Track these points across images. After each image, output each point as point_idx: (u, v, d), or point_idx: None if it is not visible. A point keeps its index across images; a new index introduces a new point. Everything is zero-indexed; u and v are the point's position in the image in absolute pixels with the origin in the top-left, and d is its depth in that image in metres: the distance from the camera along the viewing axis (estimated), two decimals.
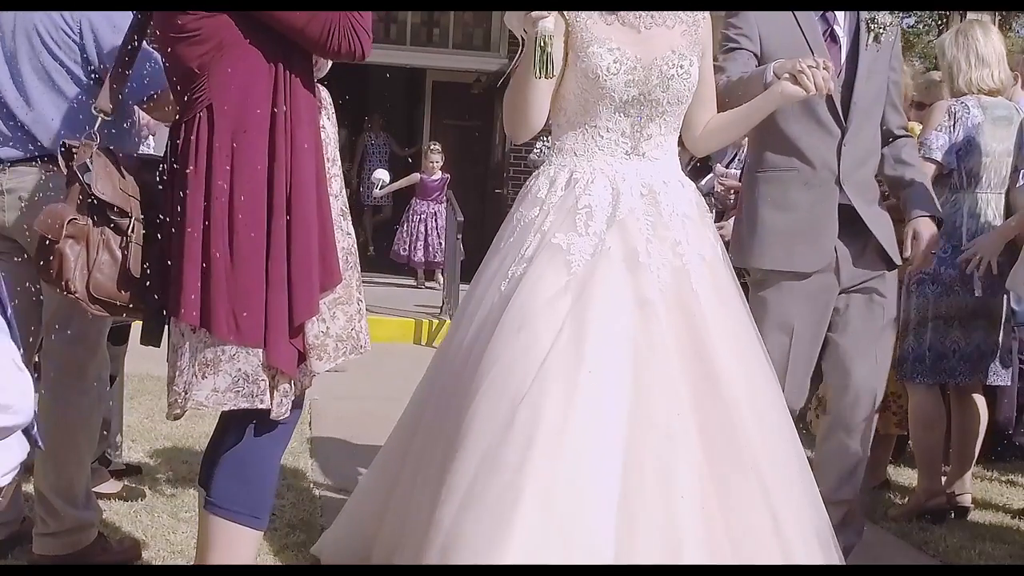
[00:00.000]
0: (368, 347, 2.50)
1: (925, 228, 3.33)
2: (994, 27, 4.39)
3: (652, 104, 2.62)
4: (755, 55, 3.22)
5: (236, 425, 2.41)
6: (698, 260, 2.55)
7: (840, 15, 3.32)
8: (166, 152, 2.41)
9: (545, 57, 2.44)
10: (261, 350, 2.30)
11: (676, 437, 2.30)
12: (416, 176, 11.22)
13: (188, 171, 2.29)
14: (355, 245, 2.55)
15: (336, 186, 2.50)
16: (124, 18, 2.93)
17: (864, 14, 3.31)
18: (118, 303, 2.44)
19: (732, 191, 6.71)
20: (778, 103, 2.80)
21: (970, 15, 11.87)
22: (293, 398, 2.38)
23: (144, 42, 2.61)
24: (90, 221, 2.41)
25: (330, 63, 2.54)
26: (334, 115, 2.57)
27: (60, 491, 2.97)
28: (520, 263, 2.51)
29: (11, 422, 1.60)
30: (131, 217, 2.42)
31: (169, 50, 2.36)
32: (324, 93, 2.52)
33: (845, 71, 3.27)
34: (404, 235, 11.10)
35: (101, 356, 3.09)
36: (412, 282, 11.01)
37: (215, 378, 2.32)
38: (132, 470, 4.00)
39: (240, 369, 2.31)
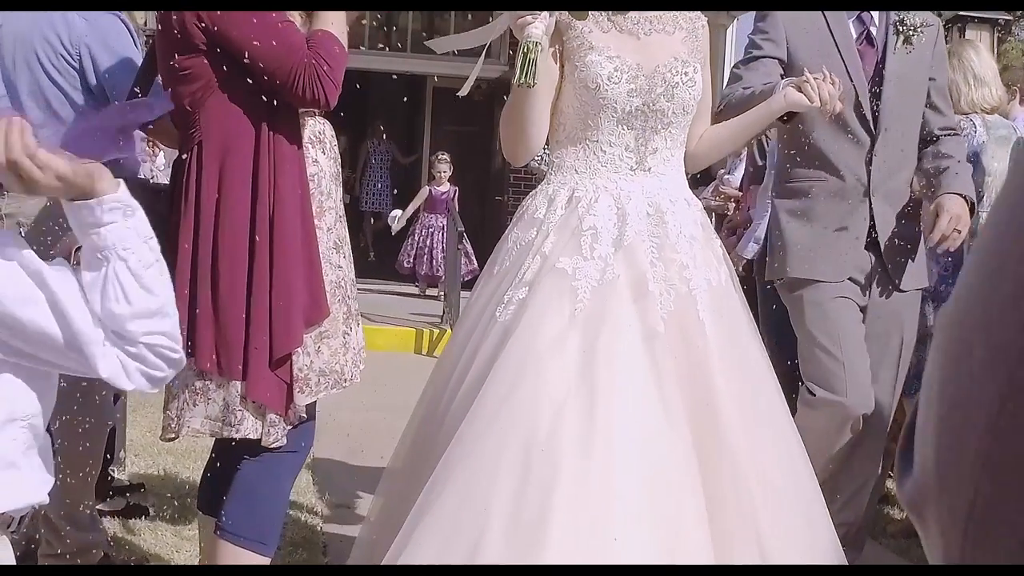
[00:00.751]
0: (355, 379, 2.54)
1: (950, 202, 3.07)
2: (983, 46, 4.42)
3: (657, 115, 2.47)
4: (781, 61, 3.09)
5: (234, 452, 2.46)
6: (705, 285, 2.41)
7: (876, 16, 3.18)
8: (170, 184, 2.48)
9: (528, 64, 2.27)
10: (240, 382, 2.36)
11: (685, 483, 2.19)
12: (426, 191, 10.98)
13: (180, 204, 2.38)
14: (346, 278, 2.57)
15: (330, 219, 2.52)
16: (120, 40, 2.99)
17: (892, 16, 3.17)
18: None
19: (731, 200, 6.75)
20: (780, 111, 2.64)
21: (968, 33, 11.92)
22: (283, 427, 2.41)
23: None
24: None
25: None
26: (333, 147, 2.59)
27: (65, 513, 2.99)
28: (519, 287, 2.35)
29: (169, 327, 1.66)
30: None
31: (169, 89, 2.43)
32: (321, 127, 2.56)
33: (875, 75, 3.15)
34: (410, 247, 10.88)
35: None
36: (412, 290, 10.96)
37: (206, 406, 2.39)
38: (135, 487, 4.02)
39: (224, 399, 2.38)
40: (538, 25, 2.28)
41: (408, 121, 14.55)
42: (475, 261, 9.31)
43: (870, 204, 3.14)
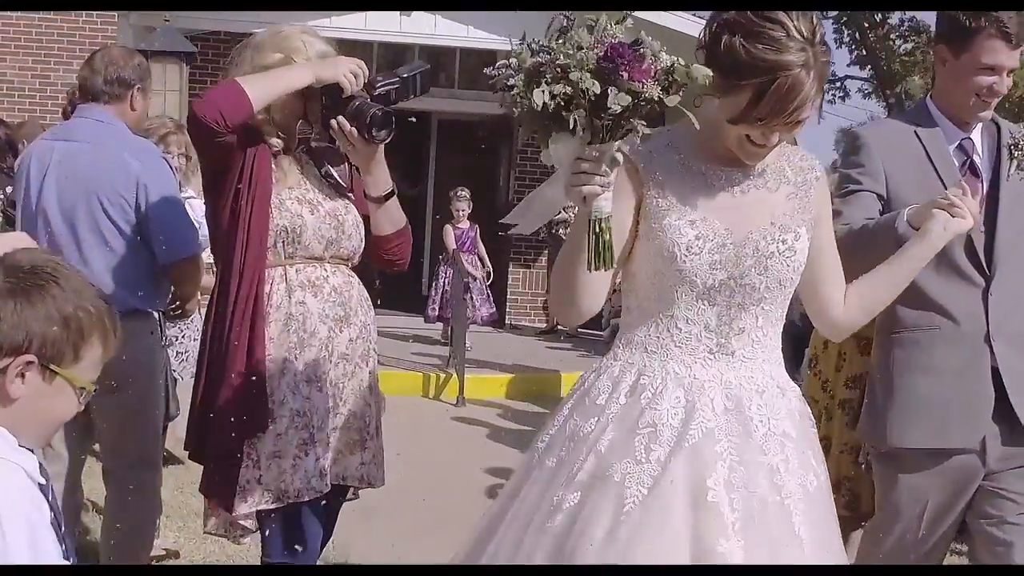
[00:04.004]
0: (302, 497, 2.81)
1: None
2: None
3: (745, 291, 2.12)
4: (880, 197, 2.83)
5: None
6: (800, 492, 2.10)
7: (978, 143, 2.91)
8: None
9: (601, 246, 1.97)
10: None
11: None
12: (448, 230, 10.14)
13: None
14: (313, 408, 2.83)
15: (310, 354, 2.83)
16: (166, 180, 3.53)
17: (1006, 138, 2.89)
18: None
19: None
20: (942, 243, 2.39)
21: None
22: (223, 529, 2.92)
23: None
24: None
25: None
26: (335, 293, 2.89)
27: None
28: (571, 489, 2.08)
29: None
30: None
31: None
32: (323, 275, 2.89)
33: (985, 207, 2.83)
34: (435, 294, 10.14)
35: (157, 474, 3.65)
36: (417, 331, 10.72)
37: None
38: (171, 554, 4.38)
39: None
40: (607, 195, 1.96)
41: (413, 154, 14.98)
42: (491, 303, 9.78)
43: (991, 350, 2.81)
